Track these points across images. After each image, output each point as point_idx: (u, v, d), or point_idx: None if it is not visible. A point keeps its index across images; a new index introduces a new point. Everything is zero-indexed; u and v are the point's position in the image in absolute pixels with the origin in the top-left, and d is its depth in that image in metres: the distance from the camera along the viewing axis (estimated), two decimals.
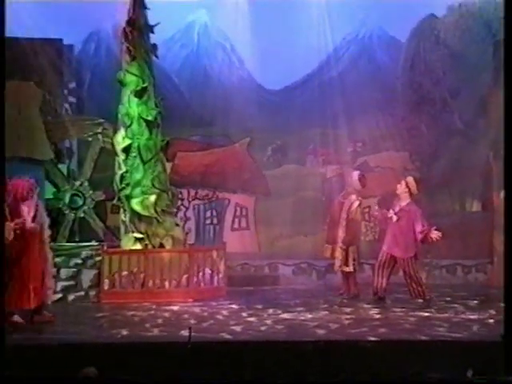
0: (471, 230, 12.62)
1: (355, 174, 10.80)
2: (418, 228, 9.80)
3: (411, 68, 13.52)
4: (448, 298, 10.65)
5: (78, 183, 12.26)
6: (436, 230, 9.76)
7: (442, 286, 11.59)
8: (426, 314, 9.40)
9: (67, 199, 12.17)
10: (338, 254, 10.47)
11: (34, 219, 8.89)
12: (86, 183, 12.30)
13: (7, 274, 8.62)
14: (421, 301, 9.94)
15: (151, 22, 11.52)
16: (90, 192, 12.28)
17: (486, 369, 6.64)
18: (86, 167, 12.41)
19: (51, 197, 11.99)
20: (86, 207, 12.26)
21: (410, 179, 10.17)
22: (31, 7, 11.87)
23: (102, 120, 12.35)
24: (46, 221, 9.41)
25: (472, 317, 9.10)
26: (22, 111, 10.95)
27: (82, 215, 12.25)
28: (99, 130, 12.22)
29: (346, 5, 12.76)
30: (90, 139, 12.31)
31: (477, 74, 12.54)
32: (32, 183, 9.00)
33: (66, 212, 12.13)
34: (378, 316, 9.40)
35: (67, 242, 11.74)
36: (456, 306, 10.05)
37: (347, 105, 13.16)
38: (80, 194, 12.25)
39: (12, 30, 11.34)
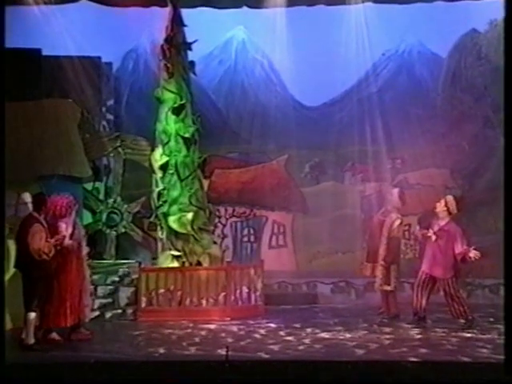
0: None
1: (395, 192, 10.76)
2: (458, 249, 9.70)
3: (452, 84, 13.43)
4: (491, 319, 10.49)
5: (111, 201, 12.34)
6: (475, 249, 9.67)
7: (484, 306, 11.44)
8: (469, 335, 9.31)
9: (104, 219, 12.25)
10: (379, 272, 10.41)
11: (71, 236, 9.00)
12: (119, 198, 12.38)
13: (45, 292, 8.73)
14: (463, 321, 9.82)
15: (189, 39, 11.64)
16: (125, 206, 12.36)
17: None
18: (115, 184, 12.47)
19: (90, 221, 12.08)
20: (124, 222, 12.34)
21: (450, 198, 10.07)
22: (70, 26, 12.05)
23: (117, 133, 12.46)
24: (84, 238, 9.55)
25: None
26: (61, 129, 11.09)
27: (123, 230, 12.34)
28: (118, 144, 12.29)
29: (385, 20, 12.73)
30: (112, 155, 12.34)
31: None
32: (70, 200, 9.11)
33: (107, 232, 12.22)
34: (418, 336, 9.33)
35: (116, 259, 11.85)
36: (500, 326, 9.86)
37: (386, 121, 13.11)
38: (116, 211, 12.34)
39: (51, 47, 11.64)
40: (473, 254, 9.67)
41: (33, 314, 8.60)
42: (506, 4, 6.73)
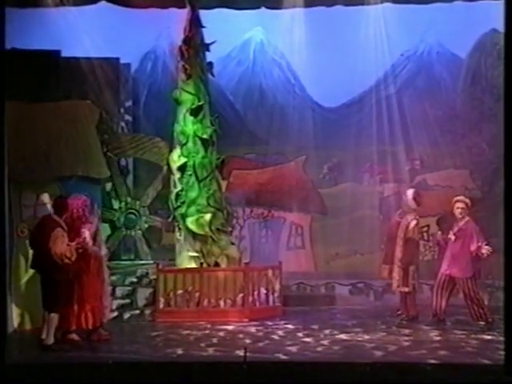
0: None
1: (410, 193, 10.72)
2: (473, 246, 9.72)
3: (472, 84, 13.34)
4: None
5: (123, 204, 12.32)
6: (487, 245, 9.63)
7: None
8: (489, 337, 9.27)
9: (123, 222, 12.26)
10: (396, 273, 10.38)
11: (94, 240, 9.04)
12: (129, 199, 12.40)
13: (66, 294, 8.76)
14: (483, 323, 9.77)
15: (207, 40, 11.66)
16: (138, 203, 12.38)
17: None
18: (119, 187, 12.38)
19: (110, 232, 12.11)
20: (143, 217, 12.37)
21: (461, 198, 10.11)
22: (88, 27, 12.09)
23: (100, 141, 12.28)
24: (103, 239, 9.60)
25: None
26: (80, 130, 11.12)
27: (147, 225, 12.36)
28: (104, 150, 12.13)
29: (404, 20, 12.67)
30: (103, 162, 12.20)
31: None
32: (85, 200, 9.13)
33: (132, 234, 12.25)
34: (437, 338, 9.31)
35: (151, 255, 11.91)
36: None
37: (405, 122, 13.07)
38: (132, 211, 12.35)
39: (70, 49, 11.69)
40: (485, 249, 9.67)
41: (53, 315, 8.62)
42: (506, 4, 6.67)
